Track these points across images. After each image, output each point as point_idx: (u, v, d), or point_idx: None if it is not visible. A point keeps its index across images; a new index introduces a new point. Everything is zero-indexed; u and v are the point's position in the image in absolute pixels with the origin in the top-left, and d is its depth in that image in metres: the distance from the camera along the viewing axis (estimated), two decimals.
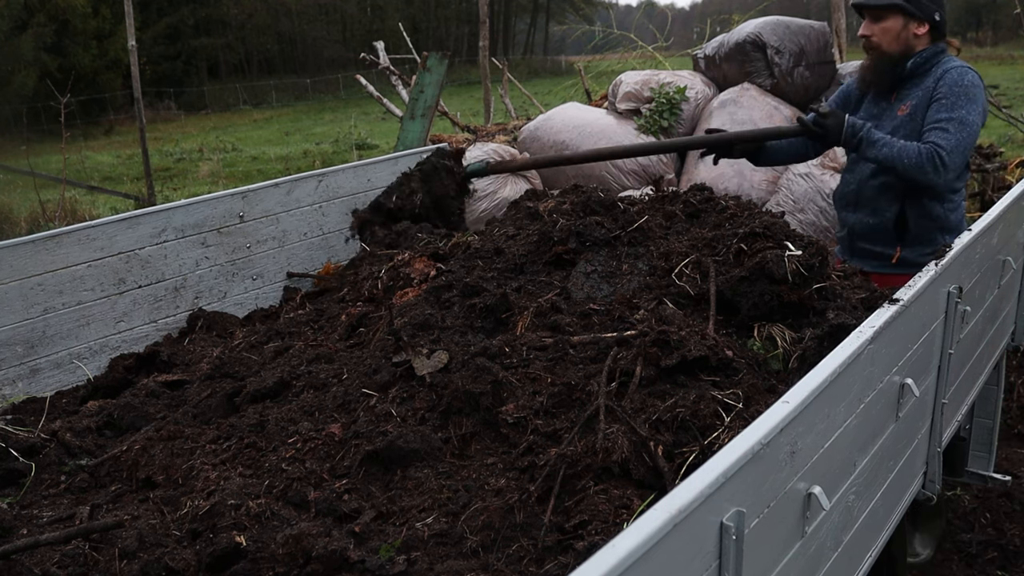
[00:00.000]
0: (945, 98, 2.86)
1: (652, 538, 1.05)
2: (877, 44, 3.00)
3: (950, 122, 2.82)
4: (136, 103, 11.26)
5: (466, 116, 10.89)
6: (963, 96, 2.85)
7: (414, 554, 1.72)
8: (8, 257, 2.80)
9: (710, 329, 2.18)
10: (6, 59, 25.73)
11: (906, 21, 2.95)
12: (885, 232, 3.03)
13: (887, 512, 2.02)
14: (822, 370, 1.51)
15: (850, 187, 3.14)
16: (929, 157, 2.78)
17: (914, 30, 2.96)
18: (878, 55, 3.01)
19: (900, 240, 3.04)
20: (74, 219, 9.89)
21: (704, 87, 5.19)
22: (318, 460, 2.05)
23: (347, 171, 3.83)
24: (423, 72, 5.28)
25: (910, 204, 3.00)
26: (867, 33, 3.01)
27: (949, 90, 2.86)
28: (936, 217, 3.00)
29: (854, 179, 3.13)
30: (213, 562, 1.77)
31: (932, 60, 2.98)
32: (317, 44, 42.94)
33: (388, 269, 3.04)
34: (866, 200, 3.08)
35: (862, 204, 3.09)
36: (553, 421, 2.00)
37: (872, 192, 3.06)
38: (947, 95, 2.86)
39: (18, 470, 2.29)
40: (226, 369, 2.65)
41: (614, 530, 1.67)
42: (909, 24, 2.95)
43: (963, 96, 2.85)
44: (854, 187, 3.12)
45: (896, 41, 2.96)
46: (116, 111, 31.05)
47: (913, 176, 2.83)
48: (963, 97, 2.85)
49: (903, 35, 2.96)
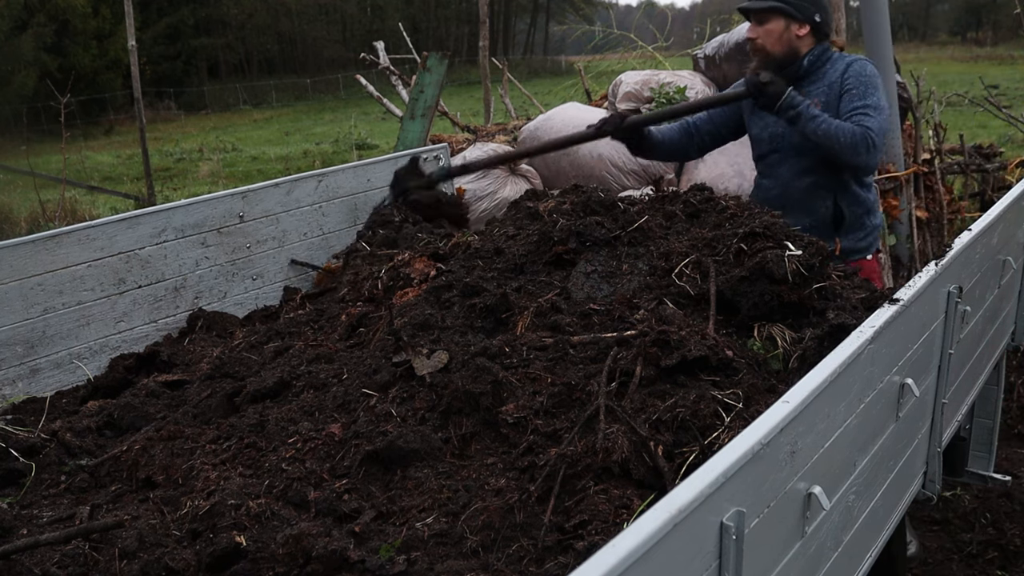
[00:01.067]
0: (855, 88, 2.96)
1: (652, 538, 1.05)
2: (762, 46, 3.08)
3: (867, 108, 2.91)
4: (136, 103, 11.26)
5: (466, 116, 10.88)
6: (870, 85, 2.97)
7: (414, 554, 1.72)
8: (8, 257, 2.80)
9: (710, 329, 2.18)
10: (6, 59, 25.74)
11: (787, 23, 3.05)
12: (823, 229, 3.05)
13: (887, 512, 2.02)
14: (822, 370, 1.51)
15: (772, 192, 3.16)
16: (863, 138, 2.85)
17: (796, 31, 3.06)
18: (763, 56, 3.09)
19: (837, 232, 3.10)
20: (74, 219, 9.89)
21: (704, 87, 5.20)
22: (318, 460, 2.05)
23: (347, 171, 3.83)
24: (423, 72, 5.28)
25: (841, 196, 3.08)
26: (753, 35, 3.11)
27: (857, 80, 2.97)
28: (863, 202, 3.12)
29: (776, 184, 3.16)
30: (213, 562, 1.77)
31: (822, 58, 3.09)
32: (317, 44, 42.95)
33: (388, 269, 3.04)
34: (795, 202, 3.09)
35: (791, 207, 3.07)
36: (553, 421, 2.00)
37: (801, 194, 3.09)
38: (856, 85, 2.96)
39: (18, 470, 2.29)
40: (226, 369, 2.65)
41: (614, 530, 1.67)
42: (791, 26, 3.05)
43: (870, 85, 2.97)
44: (777, 191, 3.14)
45: (779, 42, 3.06)
46: (116, 111, 31.08)
47: (846, 155, 2.88)
48: (870, 86, 2.97)
49: (785, 36, 3.06)
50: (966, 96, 6.75)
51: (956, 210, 5.23)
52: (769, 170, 3.20)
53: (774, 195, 3.14)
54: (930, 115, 5.49)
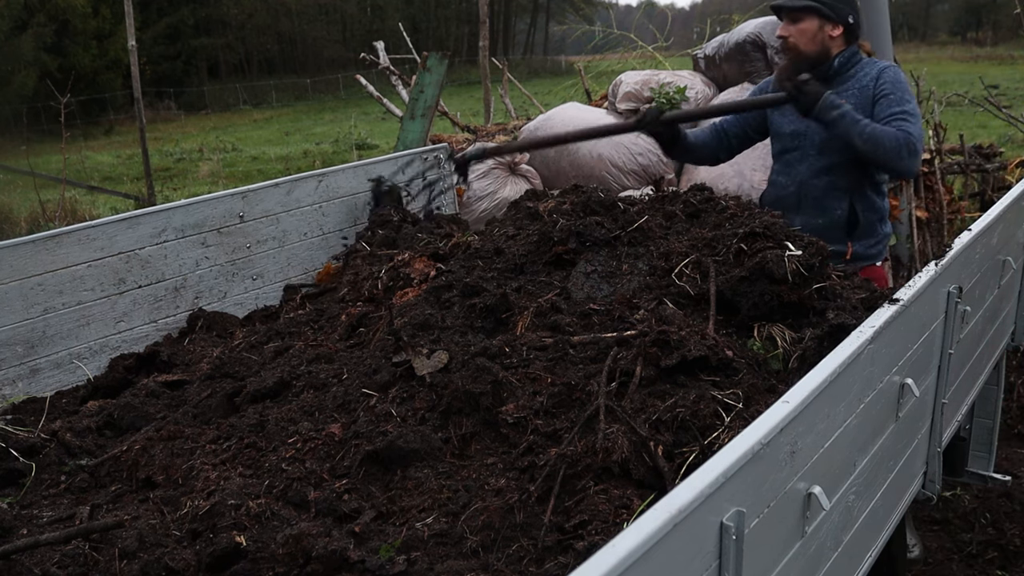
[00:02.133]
0: (892, 93, 2.94)
1: (652, 538, 1.05)
2: (794, 45, 3.06)
3: (905, 114, 2.89)
4: (136, 103, 11.26)
5: (466, 116, 10.88)
6: (906, 92, 2.97)
7: (414, 554, 1.72)
8: (8, 257, 2.80)
9: (710, 329, 2.18)
10: (6, 59, 25.74)
11: (822, 23, 3.03)
12: (836, 230, 3.05)
13: (887, 512, 2.02)
14: (822, 370, 1.51)
15: (788, 190, 3.15)
16: (906, 143, 2.83)
17: (829, 32, 3.04)
18: (795, 56, 3.06)
19: (849, 236, 3.08)
20: (74, 219, 9.90)
21: (704, 87, 5.19)
22: (318, 460, 2.05)
23: (347, 171, 3.83)
24: (423, 72, 5.28)
25: (857, 199, 3.06)
26: (784, 34, 3.09)
27: (893, 86, 2.95)
28: (877, 208, 3.10)
29: (791, 181, 3.14)
30: (213, 562, 1.77)
31: (852, 60, 3.07)
32: (317, 44, 42.95)
33: (388, 269, 3.04)
34: (811, 201, 3.09)
35: (806, 206, 3.09)
36: (553, 421, 2.00)
37: (818, 192, 3.08)
38: (893, 91, 2.94)
39: (18, 470, 2.29)
40: (226, 369, 2.65)
41: (614, 530, 1.67)
42: (825, 26, 3.03)
43: (906, 92, 2.97)
44: (793, 189, 3.13)
45: (812, 42, 3.04)
46: (116, 111, 31.09)
47: (890, 159, 2.85)
48: (907, 93, 2.97)
49: (819, 36, 3.04)
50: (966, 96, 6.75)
51: (956, 210, 5.23)
52: (787, 168, 3.18)
53: (789, 193, 3.14)
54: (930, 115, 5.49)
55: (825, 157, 3.05)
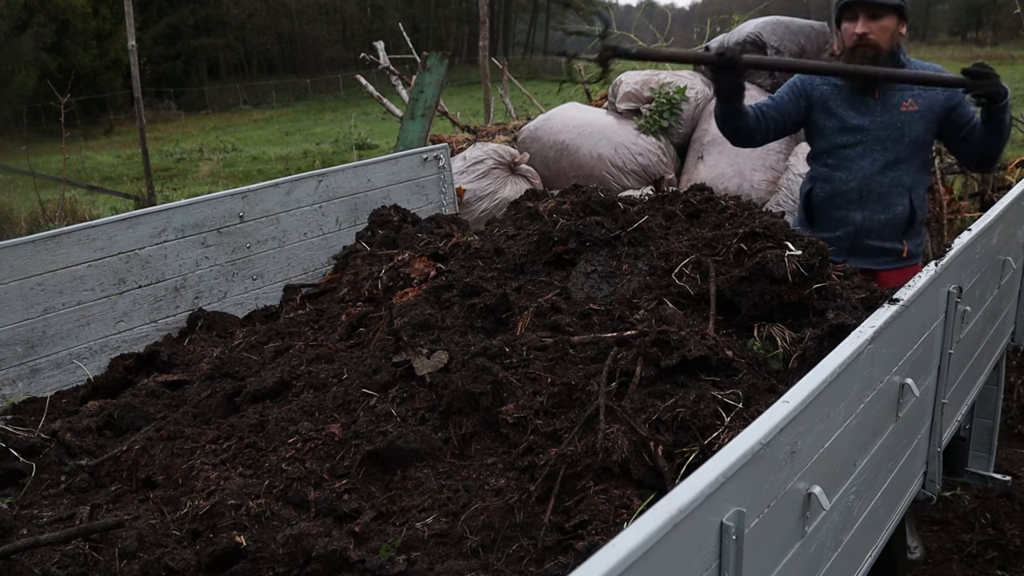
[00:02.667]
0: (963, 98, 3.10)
1: (652, 538, 1.05)
2: (875, 42, 3.06)
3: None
4: (136, 103, 11.25)
5: (466, 116, 10.89)
6: None
7: (414, 554, 1.72)
8: (8, 257, 2.80)
9: (710, 329, 2.18)
10: (6, 59, 25.75)
11: (898, 21, 3.09)
12: (896, 227, 3.11)
13: (887, 512, 2.02)
14: (822, 370, 1.51)
15: (849, 185, 3.15)
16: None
17: (901, 30, 3.12)
18: (875, 52, 3.07)
19: (904, 234, 3.14)
20: (74, 219, 9.89)
21: (704, 87, 5.19)
22: (318, 460, 2.05)
23: (347, 171, 3.83)
24: (423, 72, 5.28)
25: (916, 197, 3.13)
26: (864, 31, 3.07)
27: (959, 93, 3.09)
28: (926, 208, 3.22)
29: (853, 176, 3.15)
30: (213, 562, 1.77)
31: (904, 57, 3.16)
32: (317, 44, 42.95)
33: (388, 269, 3.04)
34: (875, 196, 3.11)
35: (870, 201, 3.12)
36: (553, 421, 2.00)
37: (883, 188, 3.12)
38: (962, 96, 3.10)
39: (18, 470, 2.29)
40: (226, 369, 2.65)
41: (614, 530, 1.67)
42: (900, 25, 3.10)
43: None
44: (855, 184, 3.14)
45: (891, 39, 3.09)
46: (116, 111, 31.09)
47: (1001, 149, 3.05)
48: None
49: (895, 34, 3.10)
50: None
51: (956, 210, 5.23)
52: (845, 163, 3.17)
53: (851, 188, 3.14)
54: None
55: (889, 152, 3.10)
